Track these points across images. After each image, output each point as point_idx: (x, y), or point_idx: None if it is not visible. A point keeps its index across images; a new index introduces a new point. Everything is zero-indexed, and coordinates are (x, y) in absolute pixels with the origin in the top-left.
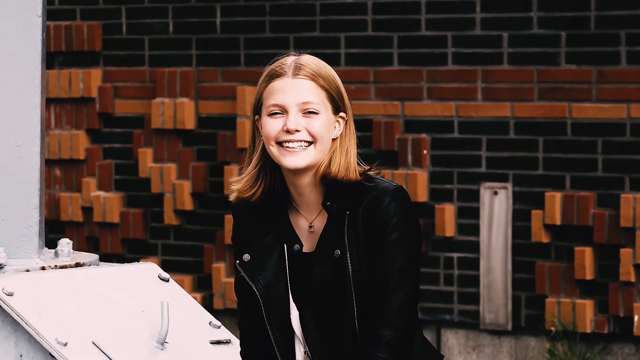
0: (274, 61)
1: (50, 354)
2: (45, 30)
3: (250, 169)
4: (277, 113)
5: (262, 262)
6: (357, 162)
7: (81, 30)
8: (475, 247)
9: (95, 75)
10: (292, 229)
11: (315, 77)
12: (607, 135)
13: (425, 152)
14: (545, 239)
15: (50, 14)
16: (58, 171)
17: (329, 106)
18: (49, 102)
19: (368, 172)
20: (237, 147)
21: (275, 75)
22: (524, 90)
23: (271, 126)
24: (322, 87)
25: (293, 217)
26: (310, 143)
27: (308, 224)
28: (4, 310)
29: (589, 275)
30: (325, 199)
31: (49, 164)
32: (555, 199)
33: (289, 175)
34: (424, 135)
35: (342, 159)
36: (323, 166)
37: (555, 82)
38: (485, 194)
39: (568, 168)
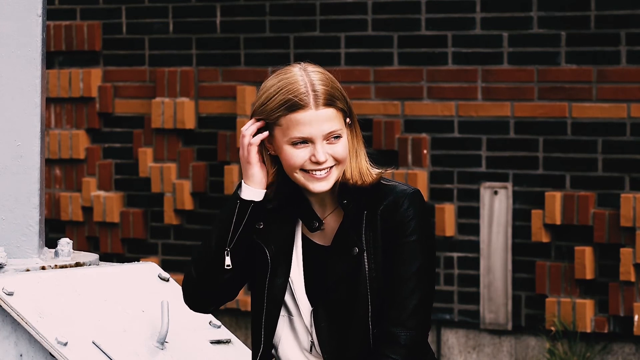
0: (282, 82)
1: (50, 354)
2: (46, 29)
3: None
4: (299, 143)
5: (275, 233)
6: (370, 162)
7: (81, 29)
8: (475, 246)
9: (96, 74)
10: (312, 210)
11: (332, 101)
12: (607, 135)
13: (425, 151)
14: (545, 238)
15: (50, 14)
16: (58, 171)
17: (344, 123)
18: (49, 101)
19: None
20: (237, 146)
21: (296, 107)
22: (524, 89)
23: (298, 156)
24: (339, 108)
25: None
26: (333, 165)
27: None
28: (4, 310)
29: (589, 275)
30: (342, 198)
31: (49, 163)
32: (555, 199)
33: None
34: (424, 135)
35: (353, 164)
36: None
37: (556, 82)
38: (485, 193)
39: (568, 168)
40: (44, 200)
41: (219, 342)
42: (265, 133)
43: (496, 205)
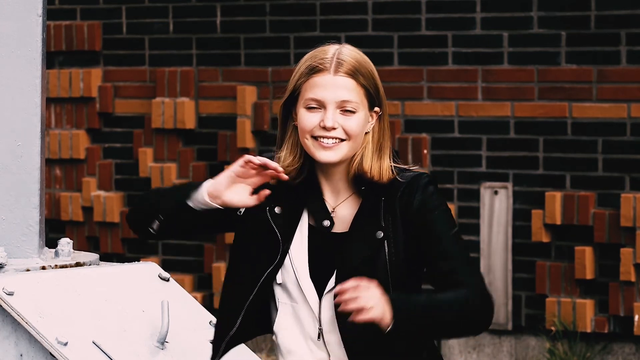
0: (314, 52)
1: (51, 354)
2: (46, 29)
3: (287, 151)
4: (314, 107)
5: (289, 223)
6: (394, 157)
7: (81, 29)
8: (475, 246)
9: (96, 74)
10: (324, 204)
11: (355, 74)
12: (607, 135)
13: (425, 151)
14: (545, 238)
15: (50, 14)
16: (58, 171)
17: (365, 103)
18: (50, 101)
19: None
20: (238, 146)
21: (316, 70)
22: (524, 89)
23: (308, 120)
24: (361, 85)
25: None
26: (343, 139)
27: (330, 209)
28: (4, 310)
29: (589, 275)
30: (358, 185)
31: (49, 163)
32: (555, 199)
33: (320, 163)
34: (424, 135)
35: (374, 159)
36: (356, 162)
37: (556, 82)
38: (485, 193)
39: (568, 168)
40: (44, 200)
41: None
42: (263, 160)
43: (496, 205)
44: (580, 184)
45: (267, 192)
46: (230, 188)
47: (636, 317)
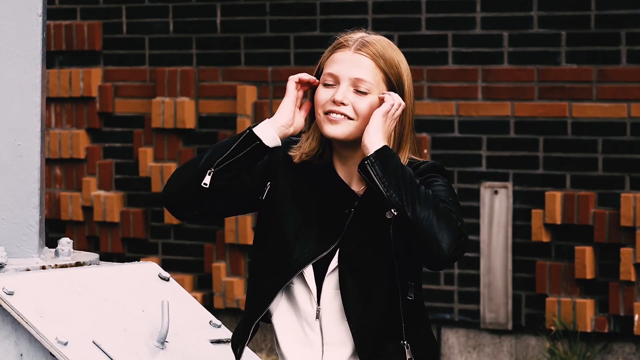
0: (344, 33)
1: (51, 353)
2: (46, 29)
3: (311, 134)
4: (330, 84)
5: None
6: (414, 153)
7: (81, 29)
8: (475, 246)
9: (96, 74)
10: (349, 188)
11: (376, 57)
12: (607, 135)
13: (425, 151)
14: (545, 238)
15: (50, 13)
16: (58, 170)
17: (383, 88)
18: (50, 101)
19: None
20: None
21: (338, 47)
22: (524, 89)
23: (321, 95)
24: (380, 68)
25: None
26: (352, 119)
27: None
28: (4, 310)
29: (589, 275)
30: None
31: (49, 163)
32: (555, 198)
33: (336, 146)
34: (424, 135)
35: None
36: None
37: (556, 82)
38: (485, 193)
39: (568, 167)
40: (44, 200)
41: (219, 341)
42: (309, 77)
43: (496, 205)
44: (580, 183)
45: (307, 102)
46: (295, 112)
47: (636, 317)
